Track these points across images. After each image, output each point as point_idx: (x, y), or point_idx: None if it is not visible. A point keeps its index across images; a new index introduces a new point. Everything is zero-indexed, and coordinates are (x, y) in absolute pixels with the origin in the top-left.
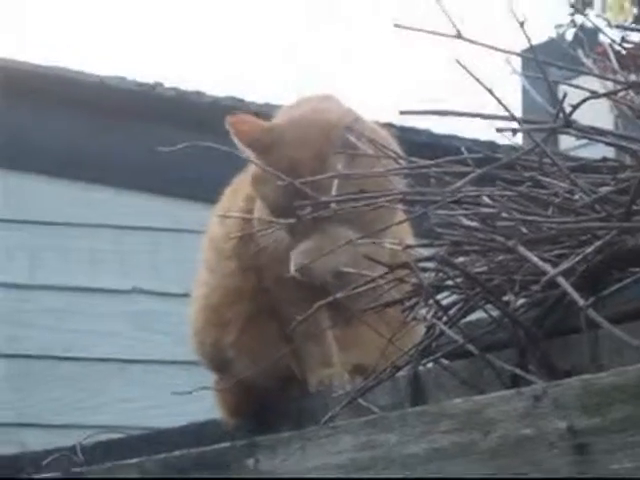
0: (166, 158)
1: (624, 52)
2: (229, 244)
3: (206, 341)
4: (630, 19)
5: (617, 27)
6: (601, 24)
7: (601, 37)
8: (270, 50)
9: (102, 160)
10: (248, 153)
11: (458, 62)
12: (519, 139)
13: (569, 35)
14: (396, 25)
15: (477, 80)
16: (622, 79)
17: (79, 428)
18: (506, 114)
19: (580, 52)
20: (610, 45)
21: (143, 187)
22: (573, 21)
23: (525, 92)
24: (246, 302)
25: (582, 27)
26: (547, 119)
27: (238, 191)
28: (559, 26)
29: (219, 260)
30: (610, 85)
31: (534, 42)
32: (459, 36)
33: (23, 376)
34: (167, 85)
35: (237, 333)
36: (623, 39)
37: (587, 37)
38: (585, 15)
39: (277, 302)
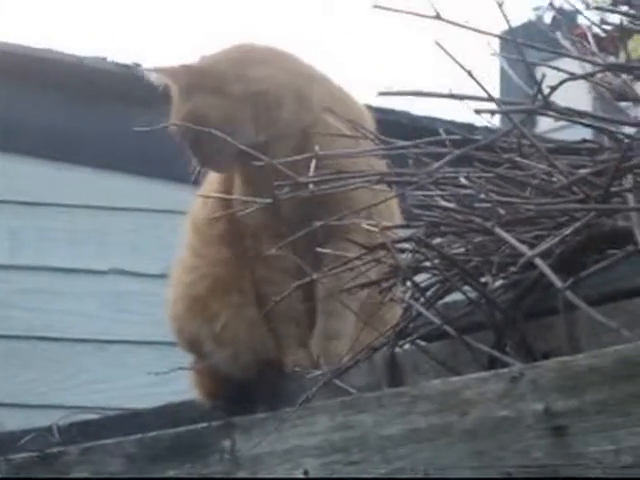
0: (145, 139)
1: (603, 34)
2: (215, 229)
3: (186, 328)
4: (609, 0)
5: (596, 9)
6: (580, 6)
7: (580, 19)
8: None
9: (81, 140)
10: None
11: (437, 44)
12: (497, 121)
13: (547, 18)
14: (375, 6)
15: (456, 62)
16: (600, 61)
17: (56, 408)
18: (484, 95)
19: (559, 34)
20: (589, 27)
21: (122, 168)
22: (551, 3)
23: (504, 74)
24: (235, 294)
25: (561, 9)
26: (525, 101)
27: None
28: (537, 8)
29: (206, 245)
30: (589, 67)
31: (513, 24)
32: (438, 17)
33: (1, 356)
34: (146, 66)
35: (220, 327)
36: (602, 21)
37: (565, 19)
38: None
39: (256, 281)
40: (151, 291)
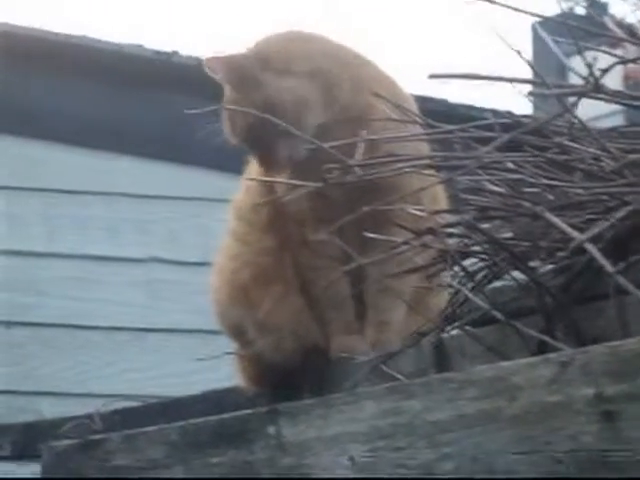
0: (185, 127)
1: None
2: (259, 215)
3: (229, 315)
4: None
5: None
6: None
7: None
8: (287, 16)
9: (120, 128)
10: (226, 90)
11: (489, 26)
12: (529, 107)
13: (580, 10)
14: None
15: (508, 45)
16: None
17: (95, 397)
18: (534, 79)
19: (606, 18)
20: (622, 19)
21: (161, 156)
22: None
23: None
24: (280, 284)
25: (593, 1)
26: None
27: None
28: (565, 1)
29: (250, 232)
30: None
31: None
32: None
33: (40, 344)
34: (184, 53)
35: (264, 315)
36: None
37: (597, 10)
38: None
39: (300, 267)
40: (189, 279)
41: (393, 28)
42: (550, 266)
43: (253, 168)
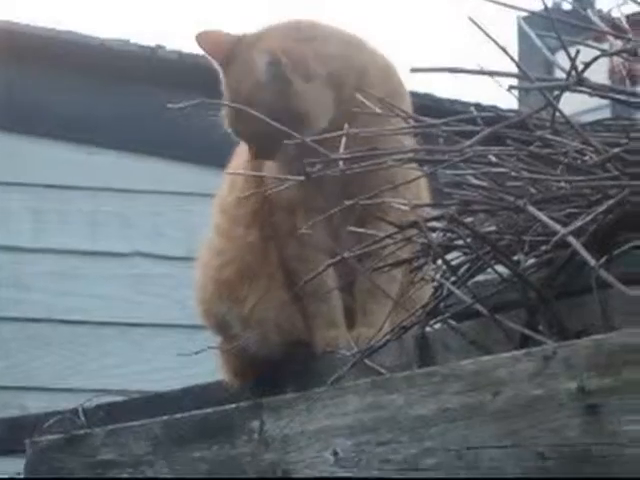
0: (168, 121)
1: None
2: (244, 210)
3: (214, 311)
4: None
5: None
6: None
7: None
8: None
9: (104, 123)
10: (218, 69)
11: (471, 20)
12: (515, 102)
13: (566, 5)
14: None
15: (491, 39)
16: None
17: (80, 392)
18: (517, 72)
19: (589, 11)
20: (608, 11)
21: (146, 150)
22: None
23: (521, 55)
24: (264, 278)
25: None
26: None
27: (242, 152)
28: None
29: (234, 227)
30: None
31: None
32: None
33: (24, 339)
34: (169, 48)
35: (249, 310)
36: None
37: (583, 4)
38: None
39: (287, 258)
40: (173, 273)
41: (377, 23)
42: (533, 260)
43: (238, 162)
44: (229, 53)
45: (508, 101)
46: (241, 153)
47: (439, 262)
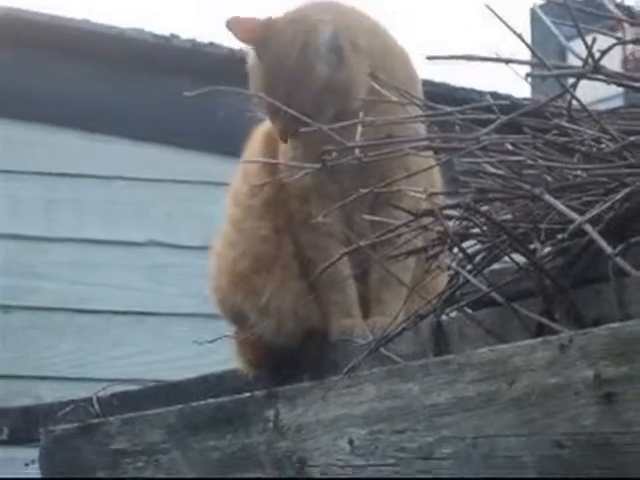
0: (183, 109)
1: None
2: (257, 200)
3: (229, 301)
4: None
5: None
6: None
7: None
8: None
9: (118, 112)
10: (249, 53)
11: (487, 7)
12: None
13: None
14: None
15: (507, 26)
16: None
17: (94, 381)
18: (533, 60)
19: (606, 0)
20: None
21: (161, 139)
22: None
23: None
24: (279, 269)
25: None
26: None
27: (255, 141)
28: None
29: (247, 218)
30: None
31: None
32: None
33: (38, 329)
34: (183, 37)
35: (265, 301)
36: None
37: None
38: None
39: (302, 247)
40: (188, 263)
41: (391, 11)
42: (549, 248)
43: (251, 151)
44: (266, 34)
45: (520, 89)
46: (255, 142)
47: (455, 250)
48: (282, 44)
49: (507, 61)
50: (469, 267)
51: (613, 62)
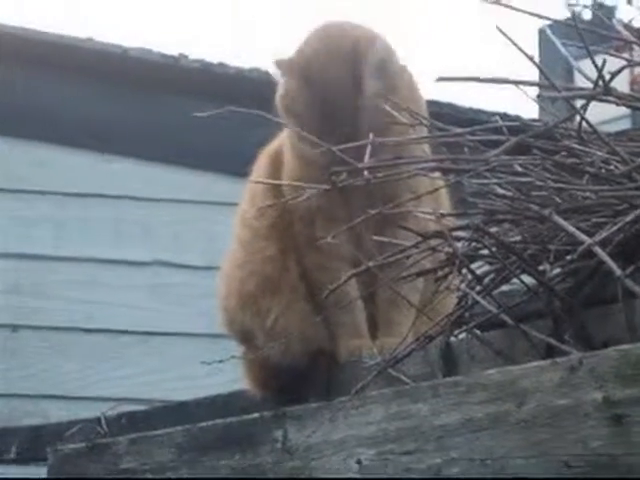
0: (190, 130)
1: None
2: (263, 222)
3: (237, 321)
4: None
5: None
6: (621, 1)
7: (618, 14)
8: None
9: (127, 132)
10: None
11: (499, 29)
12: (534, 113)
13: (586, 15)
14: None
15: (519, 48)
16: None
17: (101, 400)
18: (542, 82)
19: (614, 21)
20: (629, 22)
21: (167, 159)
22: None
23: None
24: (286, 290)
25: (600, 5)
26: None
27: (261, 163)
28: (572, 5)
29: (254, 239)
30: None
31: (548, 20)
32: (497, 2)
33: (46, 347)
34: (192, 57)
35: (273, 320)
36: None
37: (604, 13)
38: None
39: (308, 268)
40: (194, 282)
41: (400, 31)
42: (559, 269)
43: (258, 173)
44: (307, 67)
45: (528, 110)
46: (260, 164)
47: (464, 271)
48: (332, 74)
49: (516, 82)
50: (478, 288)
51: (620, 83)
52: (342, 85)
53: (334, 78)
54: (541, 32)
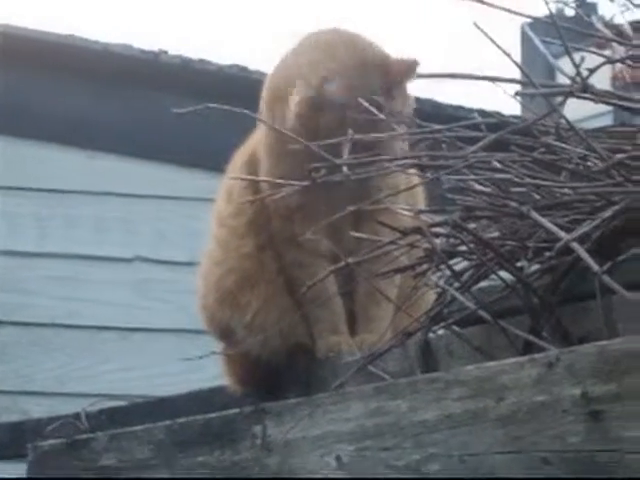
0: (171, 126)
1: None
2: (240, 220)
3: (216, 318)
4: None
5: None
6: None
7: (600, 10)
8: (271, 18)
9: (107, 128)
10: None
11: (476, 26)
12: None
13: (569, 12)
14: None
15: (496, 45)
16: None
17: (82, 396)
18: (521, 78)
19: (594, 18)
20: (610, 19)
21: (148, 155)
22: None
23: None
24: (263, 285)
25: (583, 2)
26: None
27: (238, 162)
28: (558, 1)
29: (232, 238)
30: (622, 51)
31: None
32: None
33: (26, 344)
34: (171, 53)
35: (252, 315)
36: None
37: (586, 11)
38: None
39: (287, 265)
40: (176, 279)
41: (380, 28)
42: (537, 266)
43: (235, 172)
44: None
45: (510, 107)
46: (237, 163)
47: (442, 268)
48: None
49: (494, 79)
50: (456, 285)
51: (603, 79)
52: (371, 99)
53: (366, 92)
54: (523, 28)
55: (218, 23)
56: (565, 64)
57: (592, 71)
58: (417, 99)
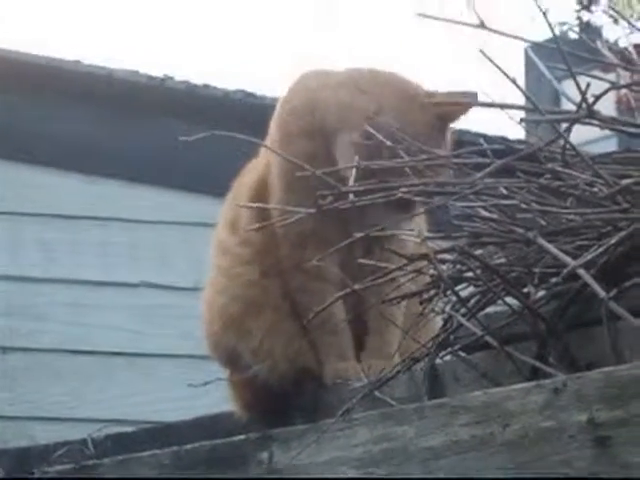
0: (176, 152)
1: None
2: (247, 249)
3: (222, 343)
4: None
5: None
6: (607, 21)
7: (605, 33)
8: (277, 44)
9: (113, 153)
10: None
11: (482, 52)
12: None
13: (572, 34)
14: (419, 14)
15: (501, 70)
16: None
17: (88, 422)
18: (527, 105)
19: (599, 43)
20: (615, 42)
21: (153, 181)
22: (579, 17)
23: (528, 87)
24: (269, 311)
25: (587, 25)
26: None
27: (244, 190)
28: (562, 24)
29: (235, 265)
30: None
31: (538, 39)
32: (482, 25)
33: (33, 369)
34: (177, 78)
35: (258, 342)
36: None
37: (591, 34)
38: (591, 12)
39: (294, 291)
40: (181, 304)
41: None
42: (543, 292)
43: (240, 201)
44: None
45: (515, 131)
46: (242, 192)
47: (449, 294)
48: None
49: (501, 106)
50: (463, 311)
51: (608, 103)
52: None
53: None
54: (527, 52)
55: (224, 49)
56: (569, 87)
57: (598, 97)
58: None
